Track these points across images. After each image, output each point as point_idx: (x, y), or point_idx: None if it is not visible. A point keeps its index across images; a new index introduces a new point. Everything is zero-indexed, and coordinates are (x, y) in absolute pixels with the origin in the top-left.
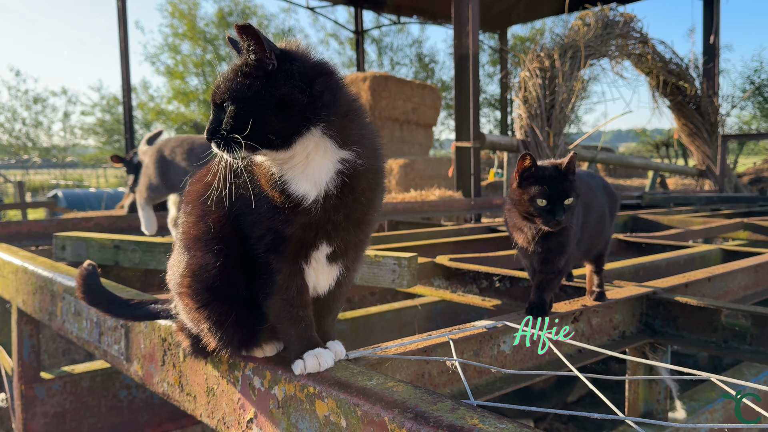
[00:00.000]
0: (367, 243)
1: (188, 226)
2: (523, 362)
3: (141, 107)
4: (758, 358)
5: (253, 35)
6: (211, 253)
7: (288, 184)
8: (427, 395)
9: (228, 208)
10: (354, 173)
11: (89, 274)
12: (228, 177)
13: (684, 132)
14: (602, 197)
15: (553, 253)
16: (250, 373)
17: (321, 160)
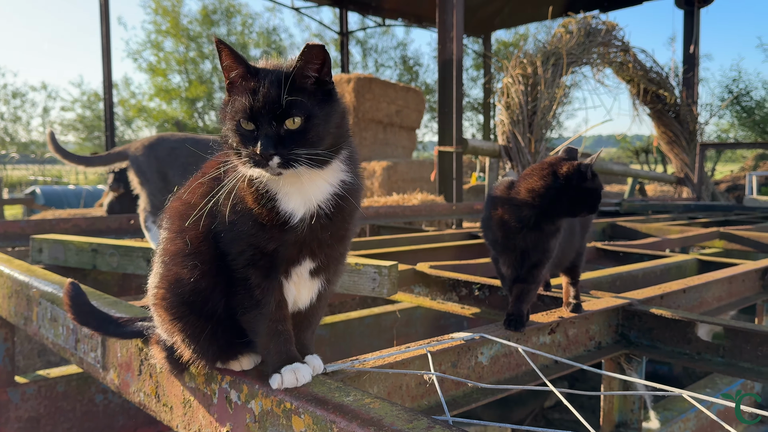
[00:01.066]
0: (347, 254)
1: (166, 242)
2: (501, 373)
3: (122, 104)
4: (730, 370)
5: (323, 54)
6: (187, 268)
7: (278, 201)
8: (403, 413)
9: (208, 225)
10: (347, 194)
11: (76, 294)
12: (214, 193)
13: (663, 140)
14: None
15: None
16: (227, 387)
17: (321, 181)
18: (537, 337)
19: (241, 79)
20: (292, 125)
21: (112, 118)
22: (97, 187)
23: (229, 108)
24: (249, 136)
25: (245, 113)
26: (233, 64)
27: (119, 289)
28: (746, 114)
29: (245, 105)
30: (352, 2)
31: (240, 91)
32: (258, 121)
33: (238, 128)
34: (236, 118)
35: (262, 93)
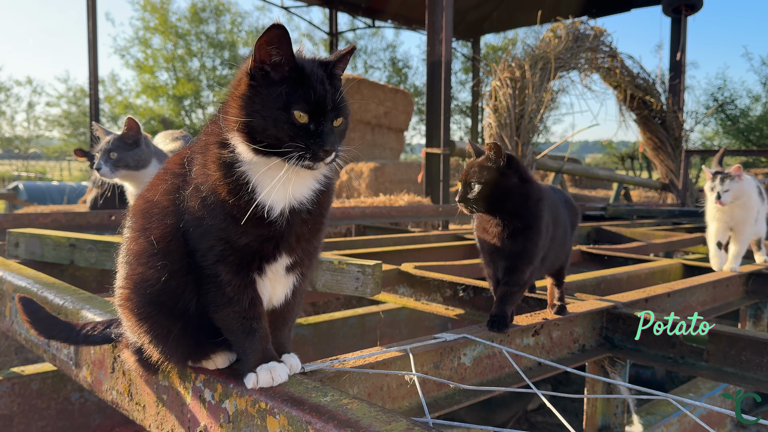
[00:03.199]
0: (321, 247)
1: (129, 242)
2: (483, 375)
3: (108, 100)
4: (713, 374)
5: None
6: (154, 268)
7: (258, 193)
8: (381, 414)
9: (174, 222)
10: (327, 188)
11: (31, 309)
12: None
13: (649, 146)
14: (564, 212)
15: (519, 259)
16: (201, 386)
17: (309, 176)
18: (521, 338)
19: (287, 69)
20: (337, 123)
21: (97, 115)
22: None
23: (271, 95)
24: (303, 129)
25: (305, 105)
26: (279, 49)
27: (97, 285)
28: (731, 122)
29: (305, 97)
30: (341, 3)
31: (289, 81)
32: (316, 115)
33: (289, 119)
34: (290, 109)
35: (320, 88)
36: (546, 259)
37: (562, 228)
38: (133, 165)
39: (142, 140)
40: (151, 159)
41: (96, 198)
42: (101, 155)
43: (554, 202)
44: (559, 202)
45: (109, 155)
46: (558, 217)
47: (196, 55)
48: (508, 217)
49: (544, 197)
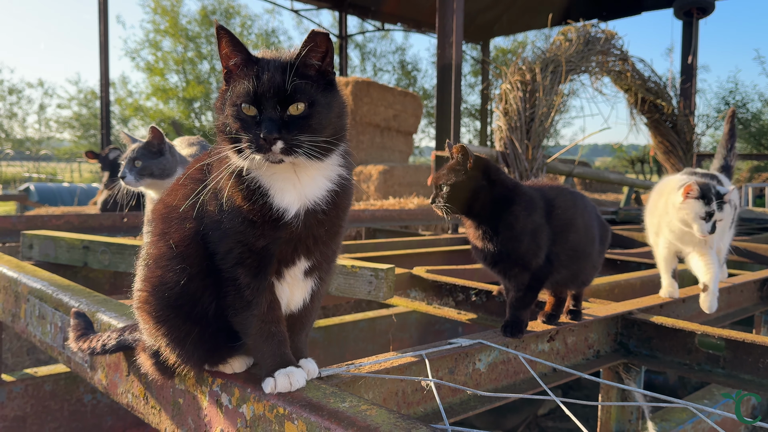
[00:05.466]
0: (339, 251)
1: (149, 245)
2: (498, 381)
3: (119, 102)
4: (730, 381)
5: (327, 43)
6: (174, 271)
7: (271, 196)
8: (401, 421)
9: (194, 226)
10: (343, 189)
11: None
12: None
13: (660, 149)
14: (593, 221)
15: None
16: (218, 390)
17: (318, 176)
18: (536, 344)
19: (242, 66)
20: (296, 111)
21: (108, 117)
22: (92, 186)
23: (229, 94)
24: (250, 121)
25: (248, 97)
26: (233, 51)
27: (110, 287)
28: (742, 126)
29: (248, 89)
30: (351, 6)
31: (241, 77)
32: (261, 105)
33: (238, 113)
34: (237, 103)
35: (266, 78)
36: (566, 268)
37: (590, 239)
38: (158, 174)
39: (167, 149)
40: (176, 167)
41: (106, 200)
42: (126, 163)
43: (573, 203)
44: (583, 208)
45: (134, 164)
46: (574, 220)
47: (206, 57)
48: (481, 219)
49: (528, 199)
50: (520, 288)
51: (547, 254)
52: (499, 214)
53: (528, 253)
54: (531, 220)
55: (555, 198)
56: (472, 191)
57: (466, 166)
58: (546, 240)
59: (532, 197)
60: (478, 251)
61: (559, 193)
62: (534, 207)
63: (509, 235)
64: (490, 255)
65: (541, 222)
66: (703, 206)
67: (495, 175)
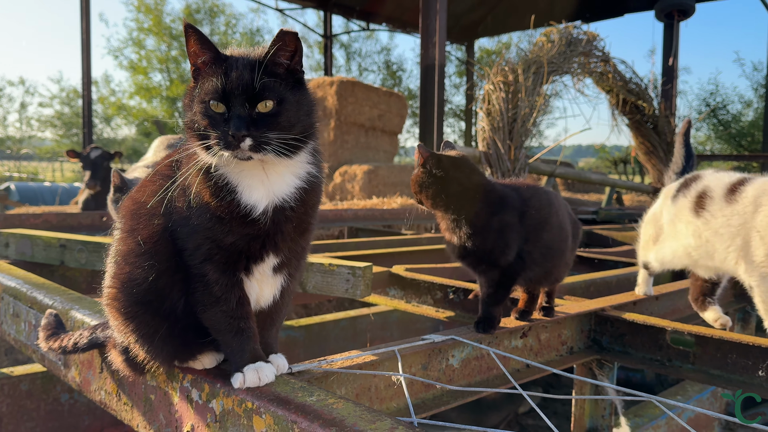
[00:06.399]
0: (309, 248)
1: (118, 242)
2: (471, 376)
3: (102, 101)
4: (700, 377)
5: (295, 42)
6: (142, 268)
7: (239, 193)
8: (366, 413)
9: (163, 222)
10: (312, 186)
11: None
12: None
13: (641, 150)
14: (566, 220)
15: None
16: (189, 385)
17: (287, 173)
18: (509, 340)
19: (211, 63)
20: (264, 108)
21: (90, 116)
22: (74, 185)
23: (197, 91)
24: (219, 118)
25: (216, 94)
26: (201, 49)
27: (87, 286)
28: (723, 127)
29: (216, 86)
30: (336, 5)
31: (209, 74)
32: (229, 103)
33: (207, 110)
34: (206, 100)
35: (234, 75)
36: (539, 266)
37: (563, 238)
38: None
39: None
40: None
41: (88, 199)
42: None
43: (548, 203)
44: (558, 207)
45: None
46: (549, 219)
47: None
48: (455, 216)
49: (497, 197)
50: (492, 284)
51: (520, 252)
52: (460, 210)
53: (495, 250)
54: (498, 218)
55: (530, 198)
56: (426, 186)
57: (426, 165)
58: (517, 238)
59: (504, 195)
60: (448, 244)
61: (534, 192)
62: (504, 205)
63: (474, 231)
64: (458, 249)
65: (511, 220)
66: None
67: (449, 173)
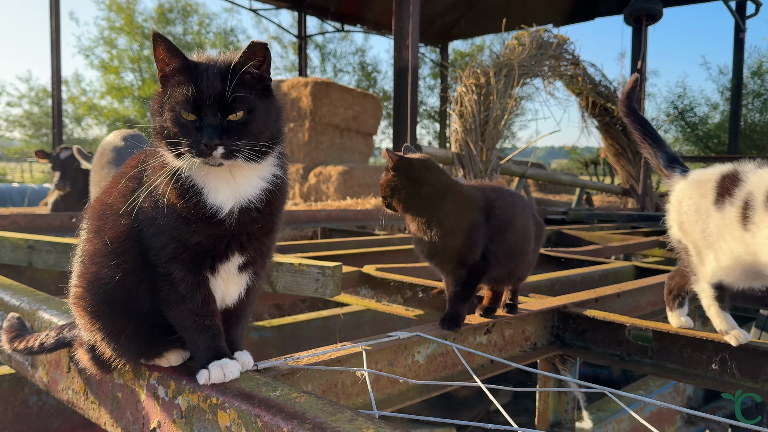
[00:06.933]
0: (274, 248)
1: (85, 242)
2: (437, 372)
3: (72, 101)
4: (658, 370)
5: (265, 51)
6: (108, 267)
7: (205, 195)
8: (328, 406)
9: (129, 222)
10: (277, 188)
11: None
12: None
13: (611, 152)
14: (530, 221)
15: (446, 257)
16: (155, 383)
17: (253, 175)
18: (474, 336)
19: (180, 71)
20: (235, 117)
21: (60, 115)
22: (43, 186)
23: (168, 99)
24: (190, 126)
25: (188, 104)
26: (170, 57)
27: (56, 287)
28: (690, 129)
29: (188, 96)
30: (310, 6)
31: (179, 83)
32: (201, 112)
33: (178, 118)
34: (177, 109)
35: (206, 85)
36: (504, 266)
37: (526, 239)
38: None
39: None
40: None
41: (58, 200)
42: None
43: (512, 205)
44: (521, 208)
45: None
46: (513, 220)
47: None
48: (415, 216)
49: (463, 198)
50: (458, 283)
51: (485, 252)
52: (431, 211)
53: (462, 249)
54: (464, 218)
55: (496, 199)
56: (398, 190)
57: (398, 168)
58: (482, 238)
59: (470, 196)
60: (417, 245)
61: (499, 194)
62: (469, 206)
63: (441, 231)
64: (426, 249)
65: (477, 220)
66: None
67: (418, 174)
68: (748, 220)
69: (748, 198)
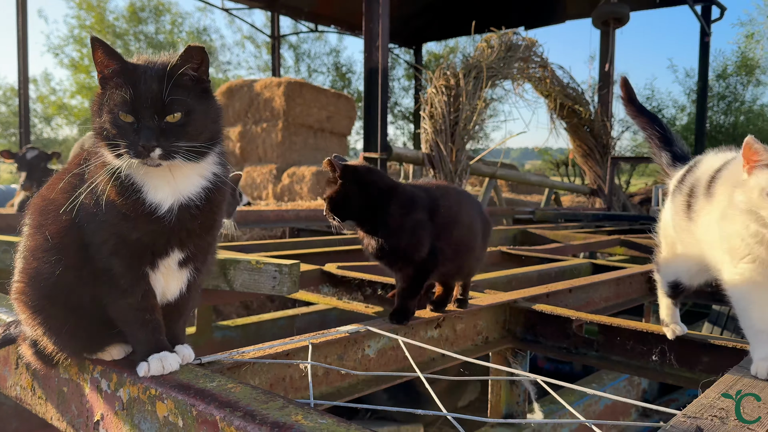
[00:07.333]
0: (216, 244)
1: (26, 238)
2: (388, 366)
3: (41, 100)
4: (603, 363)
5: (202, 55)
6: (49, 263)
7: (145, 192)
8: (261, 395)
9: (71, 218)
10: (217, 186)
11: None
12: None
13: (579, 153)
14: (476, 218)
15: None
16: (98, 376)
17: (193, 174)
18: (425, 331)
19: (119, 74)
20: (173, 119)
21: (27, 115)
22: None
23: (107, 101)
24: (128, 128)
25: (125, 106)
26: (109, 60)
27: None
28: None
29: (125, 98)
30: (284, 6)
31: (117, 85)
32: (138, 114)
33: (116, 120)
34: (115, 111)
35: (143, 87)
36: (451, 262)
37: (473, 235)
38: None
39: None
40: None
41: (24, 201)
42: None
43: (457, 201)
44: (467, 204)
45: None
46: (458, 217)
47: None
48: (363, 221)
49: (406, 198)
50: (406, 279)
51: (433, 248)
52: (378, 215)
53: (409, 248)
54: (410, 217)
55: (440, 197)
56: (347, 198)
57: (337, 177)
58: (428, 236)
59: (413, 196)
60: (366, 247)
61: (444, 192)
62: (413, 205)
63: (388, 232)
64: (376, 251)
65: (422, 218)
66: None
67: (365, 179)
68: (690, 208)
69: (695, 185)
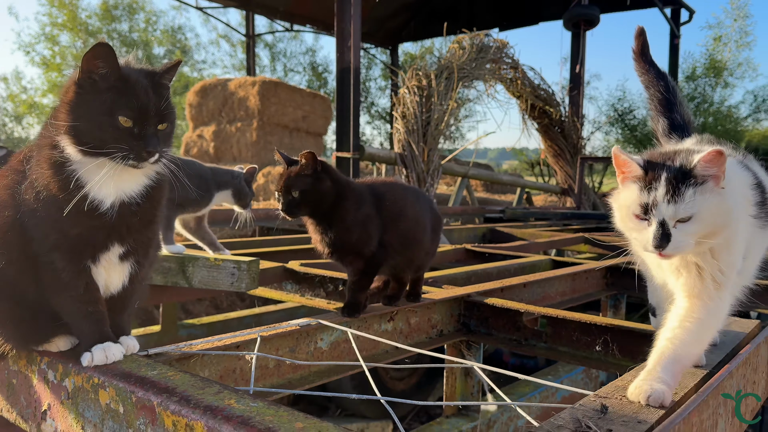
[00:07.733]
0: (157, 238)
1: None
2: (340, 358)
3: (12, 99)
4: (551, 353)
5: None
6: None
7: (88, 189)
8: (199, 382)
9: (12, 214)
10: (158, 183)
11: None
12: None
13: (550, 153)
14: (425, 212)
15: (346, 251)
16: (45, 367)
17: (139, 174)
18: (378, 324)
19: (117, 79)
20: (162, 127)
21: None
22: None
23: (98, 104)
24: (126, 132)
25: (129, 112)
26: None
27: None
28: (630, 131)
29: (129, 104)
30: (259, 5)
31: (115, 90)
32: (140, 120)
33: (113, 124)
34: (115, 115)
35: (143, 96)
36: (400, 254)
37: (420, 228)
38: None
39: None
40: None
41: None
42: None
43: (403, 196)
44: (414, 199)
45: None
46: (404, 210)
47: None
48: (326, 216)
49: (358, 194)
50: (357, 273)
51: (381, 242)
52: (333, 210)
53: (359, 242)
54: (361, 212)
55: (385, 192)
56: (321, 192)
57: (316, 170)
58: (376, 229)
59: (361, 192)
60: (318, 244)
61: (389, 188)
62: (363, 201)
63: (342, 227)
64: (328, 246)
65: (370, 213)
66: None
67: (336, 176)
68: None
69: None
